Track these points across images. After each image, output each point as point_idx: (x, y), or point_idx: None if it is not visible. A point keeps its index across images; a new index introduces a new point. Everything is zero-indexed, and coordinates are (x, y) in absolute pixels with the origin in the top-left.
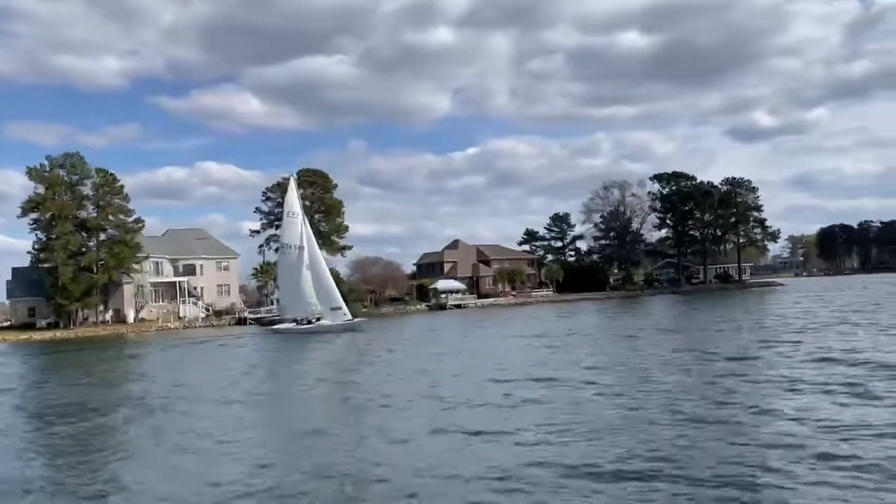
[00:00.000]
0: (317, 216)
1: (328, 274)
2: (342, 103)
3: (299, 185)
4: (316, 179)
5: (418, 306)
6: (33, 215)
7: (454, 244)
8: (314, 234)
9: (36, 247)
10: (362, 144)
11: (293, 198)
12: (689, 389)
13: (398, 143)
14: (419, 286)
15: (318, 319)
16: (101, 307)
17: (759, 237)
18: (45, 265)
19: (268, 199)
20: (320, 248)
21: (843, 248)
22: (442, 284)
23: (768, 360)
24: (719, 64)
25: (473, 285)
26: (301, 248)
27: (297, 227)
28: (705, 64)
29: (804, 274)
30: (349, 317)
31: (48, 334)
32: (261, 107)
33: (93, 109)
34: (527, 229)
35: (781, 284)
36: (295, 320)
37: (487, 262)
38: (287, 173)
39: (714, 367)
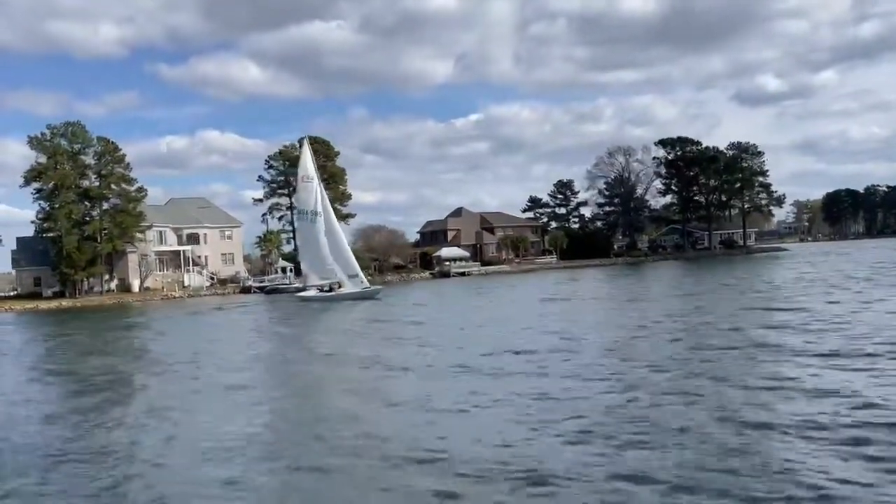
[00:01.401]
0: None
1: (345, 241)
2: (342, 70)
3: (301, 154)
4: (318, 147)
5: (422, 274)
6: (36, 185)
7: (457, 212)
8: None
9: (39, 216)
10: (363, 112)
11: (307, 162)
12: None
13: (399, 111)
14: (423, 254)
15: (340, 286)
16: (106, 276)
17: (764, 202)
18: (50, 234)
19: (270, 167)
20: None
21: (849, 213)
22: (445, 252)
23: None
24: (724, 27)
25: (477, 253)
26: (317, 213)
27: (313, 192)
28: (710, 28)
29: (809, 239)
30: (367, 284)
31: (54, 303)
32: (260, 74)
33: (90, 77)
34: (530, 196)
35: (786, 250)
36: (318, 288)
37: (491, 230)
38: (289, 141)
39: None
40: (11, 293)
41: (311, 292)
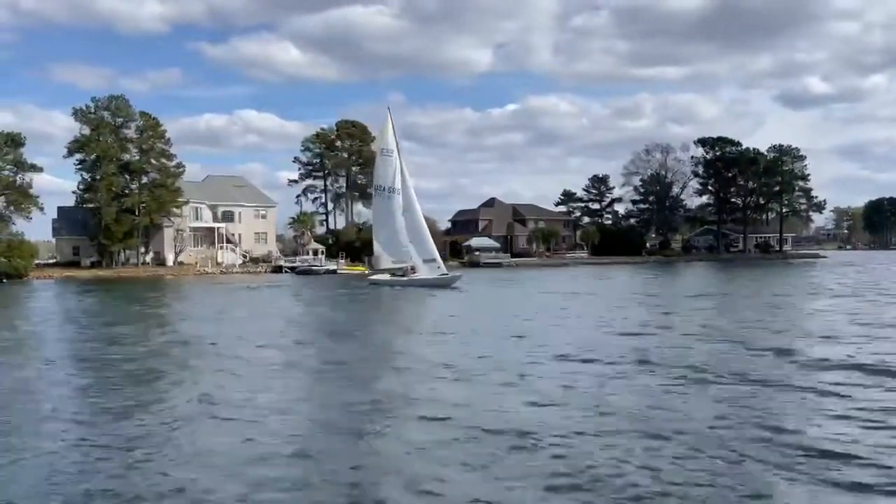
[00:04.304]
0: (354, 168)
1: (423, 221)
2: (381, 55)
3: (337, 137)
4: (354, 131)
5: (451, 263)
6: (79, 156)
7: (490, 202)
8: (351, 186)
9: (81, 187)
10: (401, 98)
11: (388, 134)
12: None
13: (437, 98)
14: (453, 243)
15: (413, 271)
16: (142, 249)
17: (803, 207)
18: (90, 205)
19: (307, 149)
20: (356, 201)
21: (891, 222)
22: (476, 242)
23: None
24: (772, 25)
25: (508, 244)
26: (395, 189)
27: (392, 166)
28: (757, 25)
29: (848, 247)
30: (444, 270)
31: (91, 273)
32: (300, 56)
33: (134, 53)
34: (564, 190)
35: (824, 257)
36: (390, 272)
37: (523, 222)
38: (326, 124)
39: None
40: (50, 261)
41: (383, 276)
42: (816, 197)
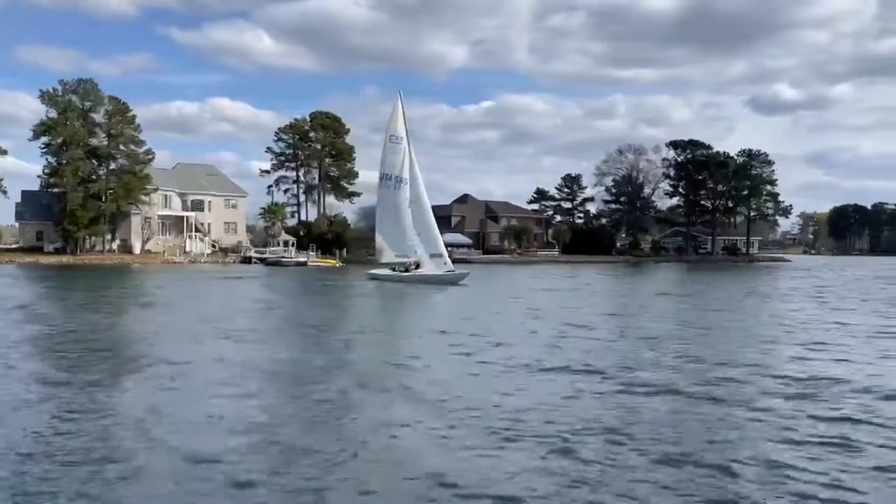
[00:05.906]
0: (327, 160)
1: (431, 214)
2: (358, 48)
3: (311, 128)
4: (328, 123)
5: None
6: (44, 139)
7: (463, 198)
8: (324, 178)
9: (46, 171)
10: (377, 91)
11: (398, 120)
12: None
13: (413, 93)
14: None
15: (417, 267)
16: (109, 236)
17: (770, 211)
18: (55, 190)
19: (280, 139)
20: (328, 193)
21: (855, 229)
22: (448, 238)
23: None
24: (746, 32)
25: (480, 241)
26: (402, 179)
27: (400, 154)
28: (731, 31)
29: (812, 252)
30: (451, 266)
31: (54, 259)
32: (275, 46)
33: (104, 37)
34: (537, 188)
35: (788, 260)
36: (392, 267)
37: (495, 219)
38: (300, 115)
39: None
40: (13, 245)
41: (383, 270)
42: (783, 202)
